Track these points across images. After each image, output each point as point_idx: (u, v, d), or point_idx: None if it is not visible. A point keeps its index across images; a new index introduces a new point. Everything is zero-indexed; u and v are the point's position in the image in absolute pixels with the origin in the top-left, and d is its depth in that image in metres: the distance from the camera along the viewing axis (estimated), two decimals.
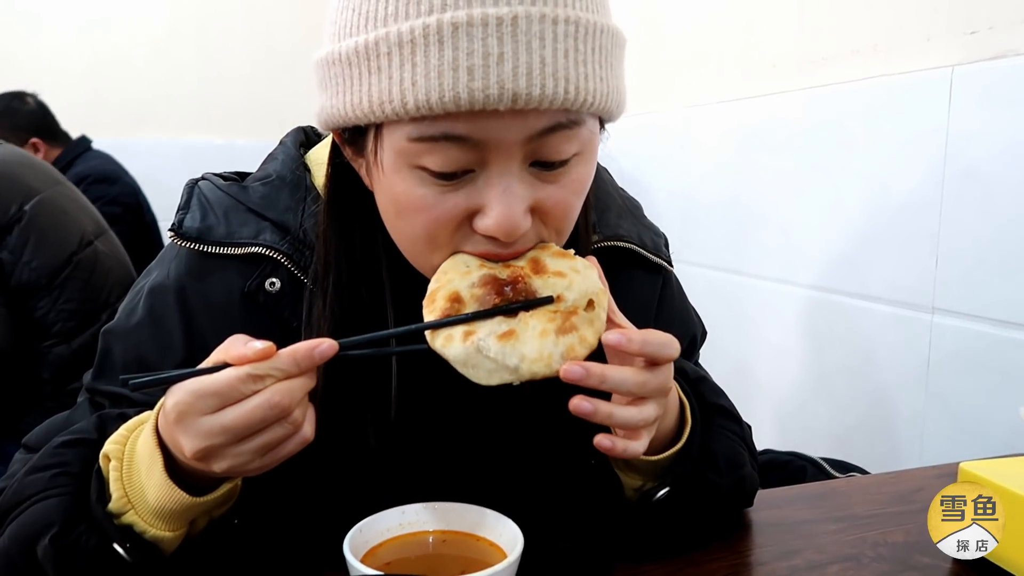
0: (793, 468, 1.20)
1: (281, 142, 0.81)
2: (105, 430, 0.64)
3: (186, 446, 0.55)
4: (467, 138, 0.56)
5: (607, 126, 0.67)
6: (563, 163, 0.60)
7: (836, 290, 1.49)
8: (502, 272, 0.61)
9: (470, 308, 0.59)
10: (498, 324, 0.58)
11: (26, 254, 1.63)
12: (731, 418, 0.78)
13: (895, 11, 1.37)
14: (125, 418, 0.65)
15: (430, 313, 0.59)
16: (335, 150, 0.70)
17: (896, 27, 1.37)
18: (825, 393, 1.54)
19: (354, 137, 0.64)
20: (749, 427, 0.86)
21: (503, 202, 0.58)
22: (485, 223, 0.59)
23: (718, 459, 0.72)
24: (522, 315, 0.58)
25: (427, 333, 0.59)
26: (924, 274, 1.29)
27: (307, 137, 0.83)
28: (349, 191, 0.70)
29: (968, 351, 1.23)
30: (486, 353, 0.56)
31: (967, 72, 1.22)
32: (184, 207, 0.75)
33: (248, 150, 0.82)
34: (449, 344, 0.58)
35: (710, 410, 0.76)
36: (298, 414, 0.56)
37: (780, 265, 1.64)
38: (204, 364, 0.56)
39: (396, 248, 0.67)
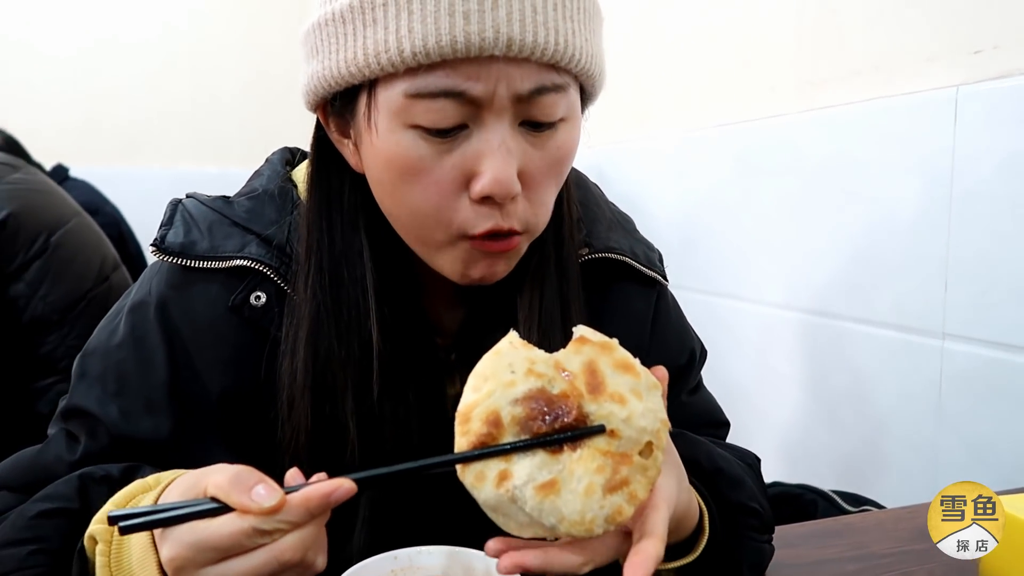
0: (804, 502, 1.16)
1: (267, 160, 0.80)
2: (88, 495, 0.60)
3: None
4: (462, 93, 0.58)
5: (587, 111, 0.69)
6: (551, 125, 0.63)
7: (841, 316, 1.45)
8: (552, 384, 0.53)
9: (509, 435, 0.51)
10: (539, 468, 0.51)
11: (43, 288, 1.53)
12: (752, 514, 0.71)
13: (896, 31, 1.35)
14: (109, 479, 0.61)
15: (463, 436, 0.52)
16: (318, 127, 0.69)
17: (898, 47, 1.35)
18: (832, 422, 1.49)
19: (343, 107, 0.64)
20: (758, 459, 0.82)
21: (497, 156, 0.60)
22: (481, 183, 0.60)
23: (742, 569, 0.68)
24: (567, 454, 0.51)
25: (458, 466, 0.52)
26: (933, 298, 1.25)
27: (293, 157, 0.81)
28: (332, 167, 0.69)
29: (981, 378, 1.19)
30: (521, 505, 0.50)
31: (972, 92, 1.19)
32: (167, 223, 0.72)
33: (242, 179, 0.80)
34: (481, 485, 0.51)
35: (731, 511, 0.69)
36: (310, 557, 0.50)
37: (782, 290, 1.61)
38: (204, 490, 0.50)
39: (379, 230, 0.68)
